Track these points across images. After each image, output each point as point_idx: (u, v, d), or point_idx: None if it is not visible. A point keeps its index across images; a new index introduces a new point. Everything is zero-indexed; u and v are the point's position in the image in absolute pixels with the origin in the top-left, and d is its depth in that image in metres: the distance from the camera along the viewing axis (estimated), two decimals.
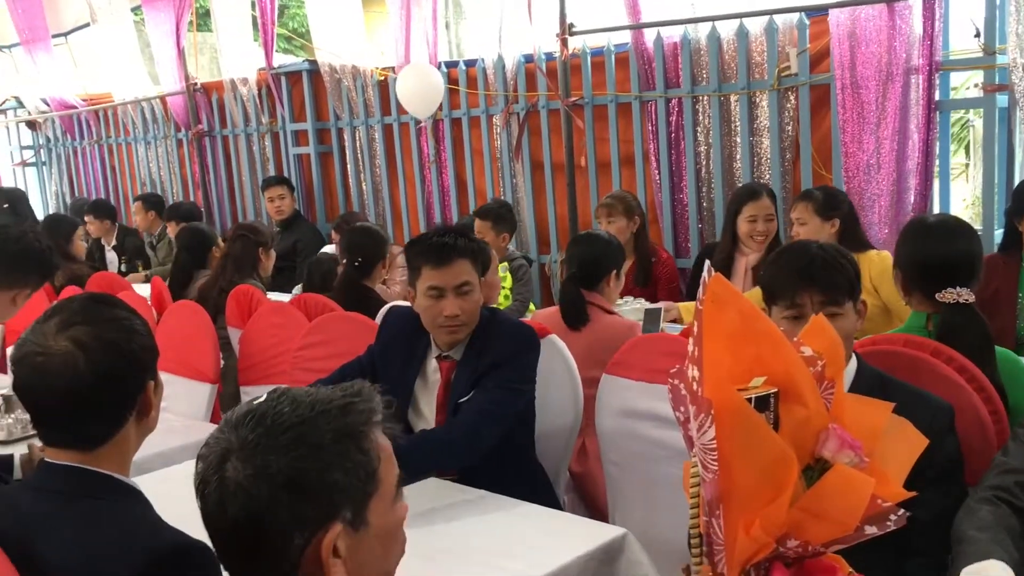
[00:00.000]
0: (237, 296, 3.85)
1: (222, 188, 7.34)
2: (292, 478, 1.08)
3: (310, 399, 1.14)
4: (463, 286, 2.34)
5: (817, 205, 3.50)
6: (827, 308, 1.92)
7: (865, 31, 4.06)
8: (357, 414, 1.15)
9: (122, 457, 1.54)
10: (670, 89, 4.83)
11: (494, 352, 2.39)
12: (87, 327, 1.49)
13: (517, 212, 5.62)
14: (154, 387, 1.59)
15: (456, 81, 5.69)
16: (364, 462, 1.13)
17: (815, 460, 1.43)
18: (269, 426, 1.10)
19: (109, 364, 1.49)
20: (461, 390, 2.40)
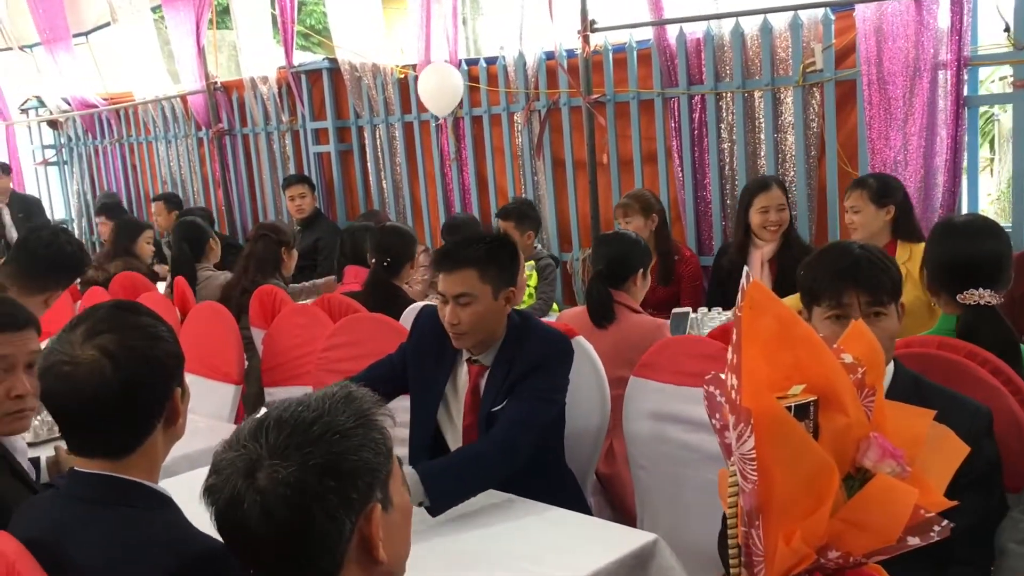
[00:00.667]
0: (261, 296, 3.86)
1: (242, 187, 7.35)
2: (333, 464, 1.13)
3: (315, 399, 1.19)
4: (461, 296, 2.31)
5: (871, 192, 3.48)
6: (873, 308, 1.92)
7: (892, 26, 4.00)
8: (361, 400, 1.20)
9: (151, 465, 1.54)
10: (693, 86, 4.79)
11: (527, 360, 2.36)
12: (113, 335, 1.49)
13: (538, 210, 5.60)
14: (181, 394, 1.58)
15: (477, 79, 5.67)
16: (382, 440, 1.19)
17: (856, 469, 1.41)
18: (294, 425, 1.15)
19: (136, 372, 1.48)
20: (494, 398, 2.38)
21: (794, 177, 4.53)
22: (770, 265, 3.77)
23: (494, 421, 2.36)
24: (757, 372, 1.38)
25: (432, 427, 2.51)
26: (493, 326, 2.39)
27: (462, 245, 2.39)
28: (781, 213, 3.78)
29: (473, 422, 2.45)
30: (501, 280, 2.36)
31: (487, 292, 2.33)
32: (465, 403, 2.46)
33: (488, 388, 2.41)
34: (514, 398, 2.33)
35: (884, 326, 1.91)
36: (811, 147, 4.47)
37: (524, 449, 2.28)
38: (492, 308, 2.36)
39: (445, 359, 2.48)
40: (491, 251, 2.37)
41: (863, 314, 1.90)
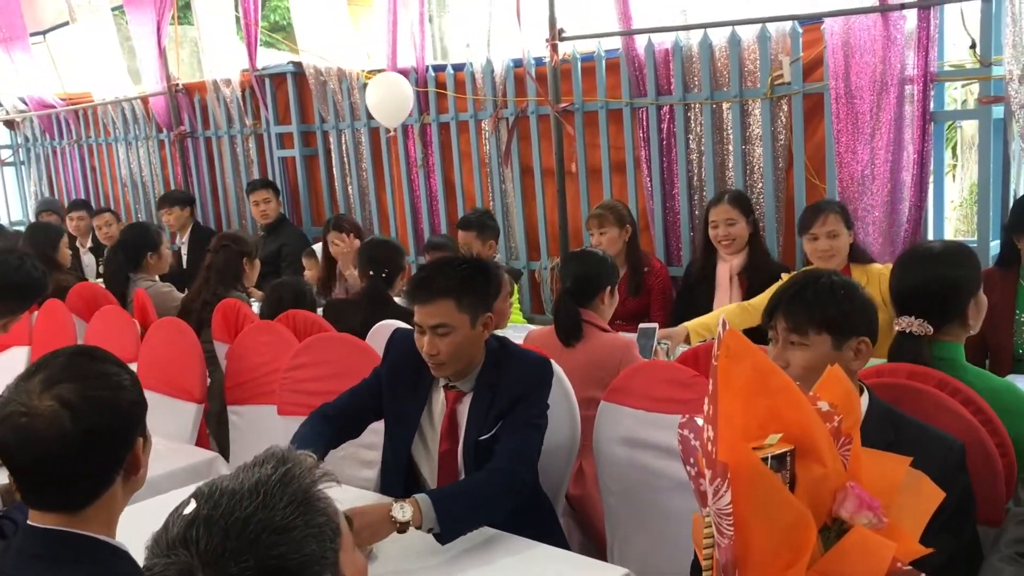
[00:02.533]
0: (224, 310, 3.78)
1: (205, 190, 7.23)
2: (275, 569, 1.03)
3: (247, 487, 1.07)
4: (438, 327, 2.26)
5: (844, 216, 3.54)
6: (791, 336, 1.97)
7: (859, 41, 4.01)
8: (299, 480, 1.10)
9: (109, 517, 1.48)
10: (661, 96, 4.78)
11: (512, 387, 2.33)
12: (73, 384, 1.43)
13: (506, 218, 5.57)
14: (143, 443, 1.52)
15: (444, 85, 5.62)
16: (326, 523, 1.09)
17: (832, 520, 1.39)
18: (226, 527, 1.03)
19: (96, 423, 1.43)
20: (479, 426, 2.34)
21: (762, 189, 4.54)
22: (739, 279, 3.78)
23: (481, 450, 2.32)
24: (734, 422, 1.36)
25: (407, 453, 2.46)
26: (472, 354, 2.35)
27: (436, 273, 2.33)
28: (731, 228, 3.83)
29: (450, 449, 2.41)
30: (479, 307, 2.31)
31: (465, 321, 2.29)
32: (441, 429, 2.42)
33: (472, 416, 2.37)
34: (507, 428, 2.30)
35: (801, 356, 1.96)
36: (779, 159, 4.48)
37: (528, 481, 2.27)
38: (471, 336, 2.31)
39: (421, 384, 2.44)
40: (467, 278, 2.31)
41: (783, 341, 1.98)
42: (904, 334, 2.33)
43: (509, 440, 2.26)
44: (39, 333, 4.01)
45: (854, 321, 1.98)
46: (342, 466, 2.91)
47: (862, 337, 1.98)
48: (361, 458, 2.90)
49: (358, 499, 2.33)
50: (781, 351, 1.99)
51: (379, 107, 5.20)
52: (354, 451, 2.90)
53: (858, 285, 2.08)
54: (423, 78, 5.67)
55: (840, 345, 1.96)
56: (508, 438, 2.26)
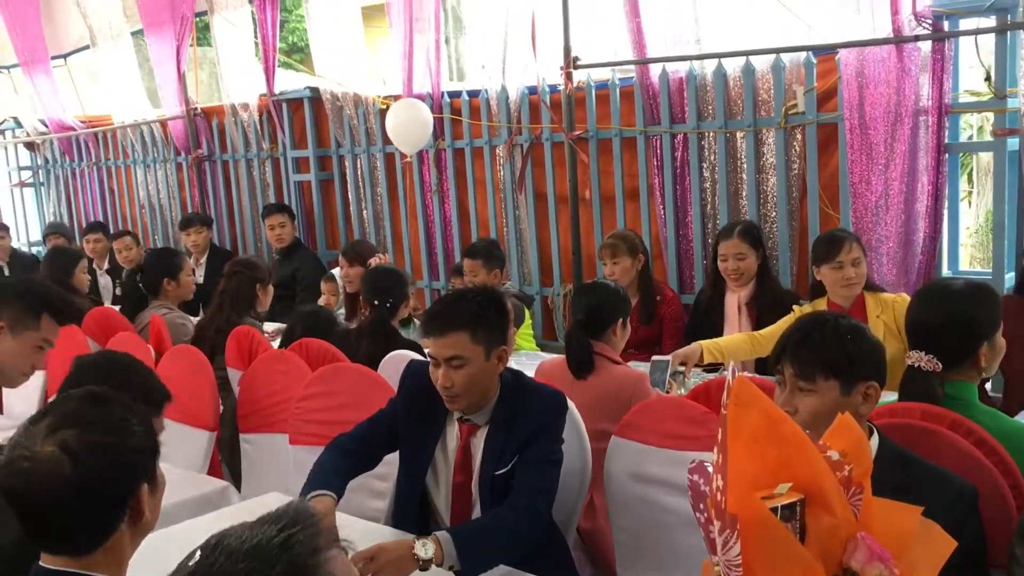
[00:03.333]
0: (238, 337, 3.80)
1: (222, 214, 7.29)
2: None
3: (246, 548, 1.07)
4: (453, 359, 2.27)
5: (861, 245, 3.52)
6: (798, 382, 1.93)
7: (874, 72, 4.02)
8: (300, 546, 1.08)
9: (117, 562, 1.49)
10: (675, 124, 4.79)
11: (528, 422, 2.33)
12: (76, 430, 1.45)
13: (519, 244, 5.59)
14: (149, 490, 1.52)
15: (459, 111, 5.65)
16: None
17: (843, 571, 1.38)
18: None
19: (97, 470, 1.43)
20: (495, 461, 2.34)
21: (776, 218, 4.54)
22: (748, 309, 3.78)
23: (498, 484, 2.33)
24: (743, 471, 1.35)
25: (421, 486, 2.47)
26: (486, 386, 2.35)
27: (451, 306, 2.35)
28: (740, 262, 3.83)
29: (463, 481, 2.41)
30: (493, 339, 2.32)
31: (479, 353, 2.29)
32: (455, 462, 2.42)
33: (488, 450, 2.37)
34: (525, 464, 2.30)
35: (809, 402, 1.91)
36: (793, 188, 4.48)
37: (546, 516, 2.28)
38: (485, 369, 2.32)
39: (436, 417, 2.44)
40: (481, 310, 2.32)
41: (791, 387, 1.94)
42: (914, 368, 2.32)
43: (528, 477, 2.26)
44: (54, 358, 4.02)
45: (863, 366, 1.94)
46: (353, 497, 2.91)
47: (871, 382, 1.95)
48: (373, 488, 2.90)
49: (369, 531, 2.34)
50: (789, 397, 1.94)
51: (398, 132, 5.24)
52: (366, 481, 2.90)
53: (865, 328, 2.05)
54: (438, 104, 5.71)
55: (849, 391, 1.91)
56: (526, 474, 2.27)
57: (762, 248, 3.91)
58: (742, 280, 3.83)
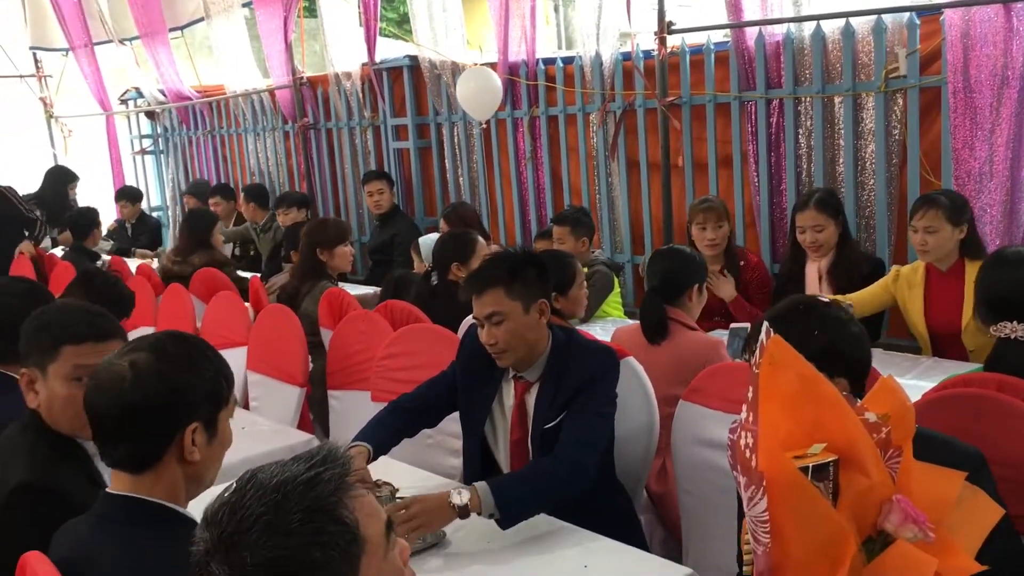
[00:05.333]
0: (329, 299, 3.94)
1: (325, 180, 7.50)
2: (270, 570, 1.08)
3: (275, 482, 1.12)
4: (492, 316, 2.35)
5: (946, 211, 3.38)
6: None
7: (980, 33, 3.84)
8: (324, 484, 1.13)
9: (172, 489, 1.59)
10: (771, 89, 4.68)
11: (575, 376, 2.38)
12: (149, 353, 1.57)
13: (612, 212, 5.57)
14: (206, 435, 1.59)
15: (553, 78, 5.66)
16: (341, 532, 1.12)
17: (877, 532, 1.38)
18: (239, 521, 1.09)
19: (151, 392, 1.54)
20: (544, 415, 2.40)
21: (874, 185, 4.40)
22: (829, 277, 3.69)
23: (548, 438, 2.38)
24: (777, 430, 1.36)
25: (480, 442, 2.54)
26: (532, 341, 2.41)
27: (486, 267, 2.44)
28: (819, 234, 3.74)
29: (520, 438, 2.47)
30: (530, 294, 2.38)
31: (517, 308, 2.35)
32: (512, 419, 2.49)
33: (538, 405, 2.43)
34: (572, 416, 2.35)
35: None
36: (892, 155, 4.33)
37: (591, 468, 2.30)
38: (525, 323, 2.38)
39: (492, 376, 2.51)
40: (514, 267, 2.39)
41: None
42: (1007, 340, 2.24)
43: (572, 428, 2.31)
44: (163, 315, 4.28)
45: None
46: (431, 454, 3.01)
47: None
48: (449, 447, 2.99)
49: (442, 485, 2.42)
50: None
51: (469, 100, 5.31)
52: (442, 439, 3.00)
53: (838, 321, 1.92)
54: (533, 71, 5.72)
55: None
56: (572, 426, 2.31)
57: (841, 216, 3.81)
58: (821, 251, 3.74)
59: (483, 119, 5.56)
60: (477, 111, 5.45)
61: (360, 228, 7.19)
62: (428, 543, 2.13)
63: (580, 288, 3.30)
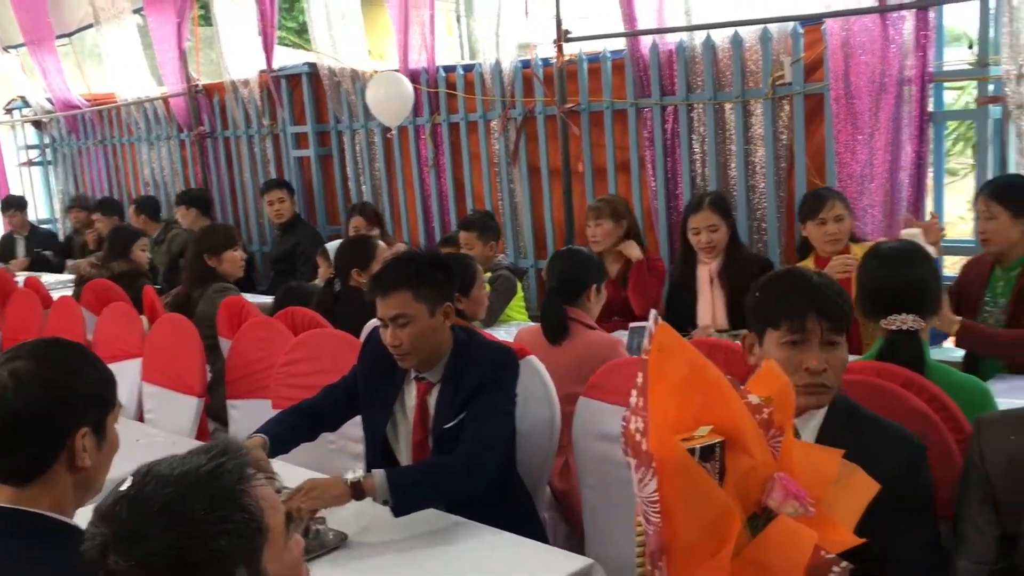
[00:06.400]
0: (228, 306, 3.87)
1: (224, 190, 7.36)
2: (176, 560, 1.07)
3: (176, 473, 1.12)
4: (398, 318, 2.36)
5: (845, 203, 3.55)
6: (830, 336, 1.87)
7: (859, 41, 4.02)
8: (228, 474, 1.14)
9: (59, 499, 1.55)
10: (666, 96, 4.81)
11: (474, 376, 2.40)
12: (28, 360, 1.53)
13: (514, 217, 5.63)
14: (94, 440, 1.56)
15: (454, 86, 5.69)
16: (246, 520, 1.12)
17: (762, 509, 1.44)
18: (140, 513, 1.09)
19: (38, 401, 1.50)
20: (444, 415, 2.41)
21: (764, 188, 4.56)
22: (719, 280, 3.79)
23: (447, 437, 2.39)
24: (664, 414, 1.41)
25: (381, 444, 2.54)
26: (435, 343, 2.42)
27: (393, 267, 2.44)
28: (713, 234, 3.78)
29: (422, 439, 2.49)
30: (436, 297, 2.40)
31: (423, 311, 2.37)
32: (414, 420, 2.50)
33: (439, 405, 2.45)
34: (472, 416, 2.36)
35: (838, 355, 1.89)
36: (780, 159, 4.50)
37: (490, 467, 2.32)
38: (430, 326, 2.39)
39: (393, 378, 2.52)
40: (422, 270, 2.40)
41: (821, 342, 1.86)
42: (899, 332, 2.33)
43: (473, 427, 2.33)
44: (50, 328, 4.13)
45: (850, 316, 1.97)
46: (333, 458, 2.99)
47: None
48: (351, 451, 2.97)
49: None
50: (819, 352, 1.86)
51: (379, 106, 5.30)
52: (344, 444, 2.98)
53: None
54: (434, 79, 5.75)
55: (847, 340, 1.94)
56: (473, 425, 2.34)
57: (731, 218, 3.92)
58: (715, 252, 3.80)
59: (394, 124, 5.56)
60: (387, 117, 5.44)
61: (261, 238, 7.09)
62: (329, 546, 2.12)
63: (481, 289, 3.33)
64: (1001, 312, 3.13)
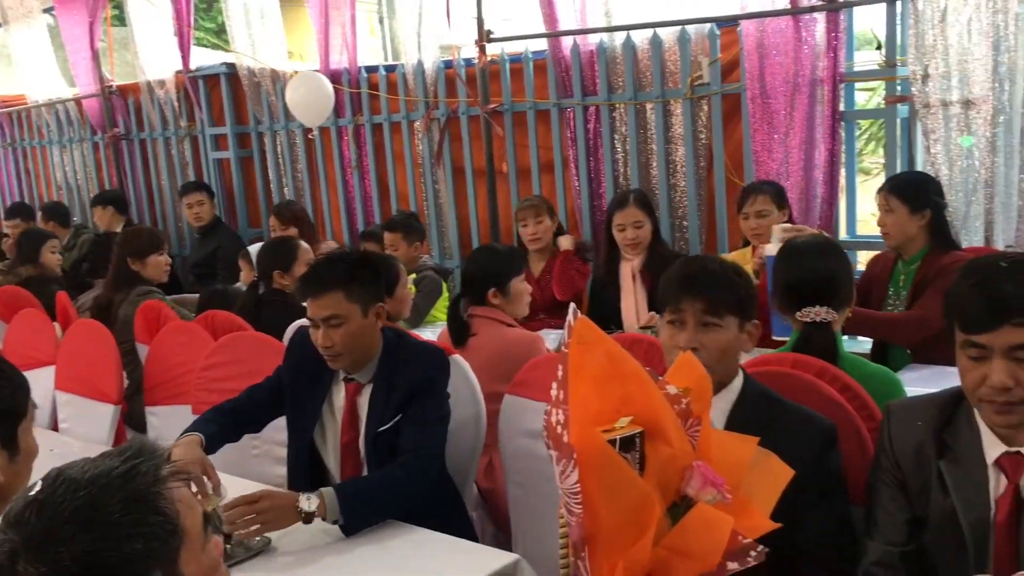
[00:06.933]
0: (145, 311, 3.78)
1: (141, 193, 7.18)
2: (90, 564, 1.05)
3: (88, 476, 1.09)
4: (330, 319, 2.33)
5: (773, 196, 3.63)
6: (705, 317, 1.95)
7: (773, 42, 4.12)
8: (143, 476, 1.12)
9: None
10: (587, 96, 4.86)
11: (408, 378, 2.39)
12: None
13: (439, 218, 5.62)
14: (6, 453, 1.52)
15: (377, 86, 5.65)
16: (162, 522, 1.10)
17: (681, 497, 1.46)
18: (51, 517, 1.06)
19: None
20: (379, 417, 2.39)
21: (685, 187, 4.64)
22: (642, 276, 3.84)
23: (382, 441, 2.38)
24: (586, 406, 1.42)
25: (308, 445, 2.51)
26: (368, 344, 2.41)
27: (324, 267, 2.41)
28: (638, 230, 3.84)
29: (351, 440, 2.46)
30: (368, 297, 2.39)
31: (355, 311, 2.35)
32: (342, 421, 2.47)
33: (372, 407, 2.42)
34: (410, 422, 2.35)
35: (715, 337, 1.94)
36: (700, 158, 4.58)
37: (434, 475, 2.34)
38: (363, 326, 2.38)
39: (321, 378, 2.49)
40: (353, 270, 2.39)
41: (697, 322, 1.94)
42: (813, 324, 2.40)
43: (413, 434, 2.32)
44: None
45: (751, 305, 2.03)
46: (257, 463, 2.95)
47: (755, 320, 2.05)
48: (276, 455, 2.93)
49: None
50: (694, 334, 1.95)
51: (299, 106, 5.24)
52: (268, 448, 2.94)
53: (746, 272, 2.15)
54: (355, 79, 5.70)
55: (742, 327, 2.00)
56: (412, 432, 2.32)
57: (654, 215, 3.99)
58: (639, 248, 3.86)
59: (314, 125, 5.49)
60: (308, 117, 5.38)
61: (180, 242, 6.93)
62: (254, 550, 2.08)
63: (405, 288, 3.32)
64: (902, 305, 3.25)
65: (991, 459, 1.66)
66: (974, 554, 1.67)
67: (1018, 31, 3.62)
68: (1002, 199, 3.74)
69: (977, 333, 1.58)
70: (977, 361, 1.60)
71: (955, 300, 1.63)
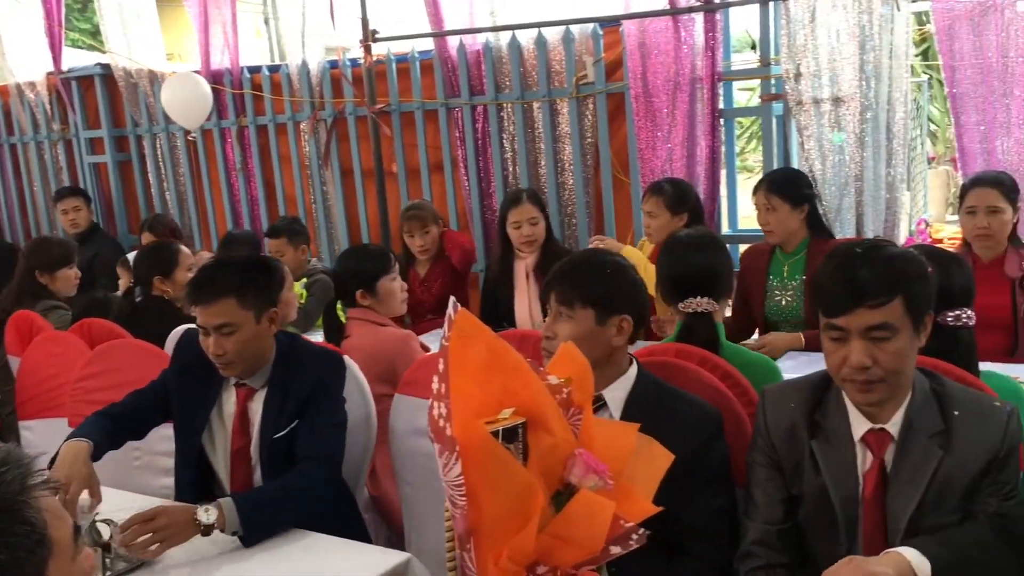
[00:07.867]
0: (16, 323, 3.60)
1: (12, 200, 6.86)
2: None
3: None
4: (223, 327, 2.26)
5: (667, 199, 3.63)
6: (560, 308, 2.03)
7: (654, 42, 4.22)
8: (7, 485, 1.09)
9: None
10: (475, 96, 4.87)
11: (303, 382, 2.34)
12: None
13: (328, 219, 5.54)
14: None
15: (260, 87, 5.54)
16: (28, 532, 1.08)
17: (564, 485, 1.48)
18: None
19: None
20: (274, 424, 2.33)
21: (573, 185, 4.70)
22: (535, 275, 3.86)
23: (277, 448, 2.32)
24: (467, 399, 1.42)
25: (197, 453, 2.43)
26: (260, 350, 2.35)
27: (215, 273, 2.33)
28: (534, 227, 3.81)
29: (243, 447, 2.39)
30: (261, 303, 2.32)
31: (249, 318, 2.29)
32: (233, 427, 2.40)
33: (266, 413, 2.36)
34: (307, 429, 2.30)
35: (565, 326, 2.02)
36: (587, 156, 4.65)
37: (332, 482, 2.29)
38: (257, 333, 2.32)
39: (210, 384, 2.41)
40: (246, 275, 2.32)
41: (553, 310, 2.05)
42: (695, 315, 2.47)
43: (310, 440, 2.27)
44: None
45: (619, 300, 2.06)
46: (139, 475, 2.85)
47: (625, 315, 2.07)
48: (160, 466, 2.84)
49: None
50: (551, 322, 2.04)
51: (175, 108, 5.10)
52: (151, 459, 2.85)
53: (629, 268, 2.17)
54: (238, 80, 5.57)
55: (603, 321, 2.02)
56: (309, 438, 2.28)
57: (546, 212, 4.00)
58: (534, 245, 3.84)
59: (194, 127, 5.34)
60: (185, 120, 5.22)
61: None
62: (135, 563, 2.01)
63: (290, 291, 3.25)
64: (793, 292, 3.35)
65: (858, 436, 1.73)
66: (845, 529, 1.74)
67: (882, 31, 3.81)
68: (871, 192, 3.93)
69: (836, 316, 1.65)
70: (838, 343, 1.67)
71: (818, 285, 1.71)
